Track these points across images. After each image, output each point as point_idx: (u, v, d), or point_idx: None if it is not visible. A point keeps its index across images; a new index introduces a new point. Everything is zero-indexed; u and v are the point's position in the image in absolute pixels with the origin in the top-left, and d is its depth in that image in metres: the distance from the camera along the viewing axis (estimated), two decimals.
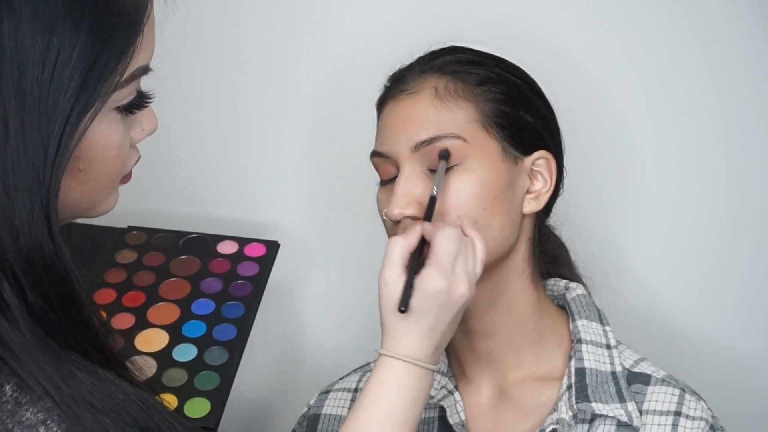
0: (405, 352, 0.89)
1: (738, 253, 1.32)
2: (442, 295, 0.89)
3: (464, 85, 1.00)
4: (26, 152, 0.71)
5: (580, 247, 1.13)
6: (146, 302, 1.20)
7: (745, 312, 1.33)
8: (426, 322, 0.89)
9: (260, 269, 1.25)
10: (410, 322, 0.89)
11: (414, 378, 0.89)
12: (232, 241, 1.29)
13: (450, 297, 0.90)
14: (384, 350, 0.90)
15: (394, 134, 1.00)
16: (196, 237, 1.30)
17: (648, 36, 1.30)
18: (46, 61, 0.71)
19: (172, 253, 1.27)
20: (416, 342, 0.89)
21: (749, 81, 1.28)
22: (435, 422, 1.06)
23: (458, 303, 0.90)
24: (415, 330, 0.89)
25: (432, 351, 0.90)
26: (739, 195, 1.31)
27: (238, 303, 1.21)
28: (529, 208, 1.02)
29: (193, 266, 1.26)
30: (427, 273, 0.89)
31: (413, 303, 0.89)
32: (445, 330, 0.91)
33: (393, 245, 0.91)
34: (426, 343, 0.89)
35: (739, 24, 1.27)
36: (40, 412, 0.71)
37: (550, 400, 1.03)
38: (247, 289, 1.22)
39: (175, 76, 1.39)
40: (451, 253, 0.90)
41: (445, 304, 0.90)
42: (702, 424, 0.99)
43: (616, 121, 1.32)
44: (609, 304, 1.11)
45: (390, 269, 0.90)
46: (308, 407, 1.16)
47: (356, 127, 1.15)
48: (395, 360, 0.89)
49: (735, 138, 1.30)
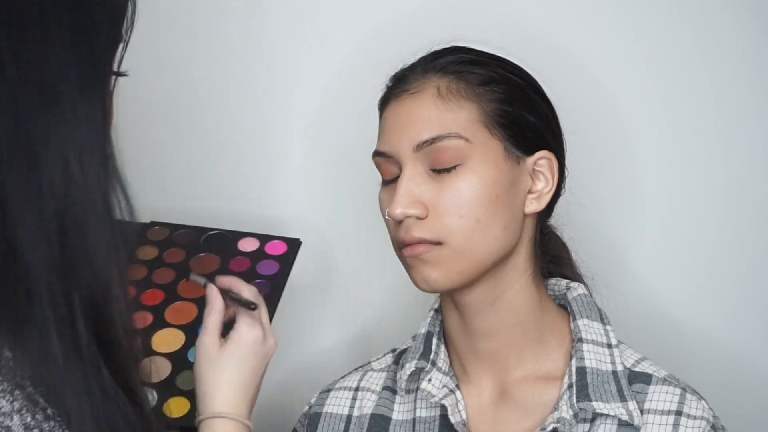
0: (225, 409, 0.93)
1: (739, 253, 1.32)
2: (258, 342, 0.95)
3: (466, 85, 1.00)
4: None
5: (581, 246, 1.13)
6: (164, 301, 1.17)
7: (747, 312, 1.33)
8: (244, 372, 0.94)
9: (280, 268, 1.22)
10: (228, 377, 0.94)
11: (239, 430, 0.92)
12: (253, 238, 1.25)
13: (264, 346, 0.96)
14: (204, 415, 0.94)
15: (396, 134, 1.01)
16: (218, 233, 1.26)
17: (650, 36, 1.30)
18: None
19: (193, 250, 1.24)
20: (235, 397, 0.93)
21: (752, 82, 1.28)
22: (436, 421, 1.06)
23: (269, 354, 0.96)
24: (233, 385, 0.94)
25: (247, 407, 0.95)
26: (741, 195, 1.31)
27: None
28: (531, 208, 1.02)
29: (212, 264, 1.22)
30: (240, 325, 0.96)
31: (233, 352, 0.94)
32: (257, 385, 0.96)
33: (209, 321, 0.98)
34: (243, 396, 0.94)
35: (742, 24, 1.27)
36: (15, 401, 0.70)
37: (551, 399, 1.03)
38: (266, 288, 1.19)
39: (185, 76, 1.42)
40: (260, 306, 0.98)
41: (260, 353, 0.95)
42: (703, 424, 0.99)
43: (617, 121, 1.32)
44: (610, 304, 1.11)
45: (208, 336, 0.97)
46: (309, 406, 1.16)
47: (358, 128, 1.16)
48: (221, 419, 0.92)
49: (736, 138, 1.30)
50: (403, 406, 1.09)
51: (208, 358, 0.96)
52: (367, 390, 1.12)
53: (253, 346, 0.94)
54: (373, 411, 1.10)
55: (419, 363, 1.06)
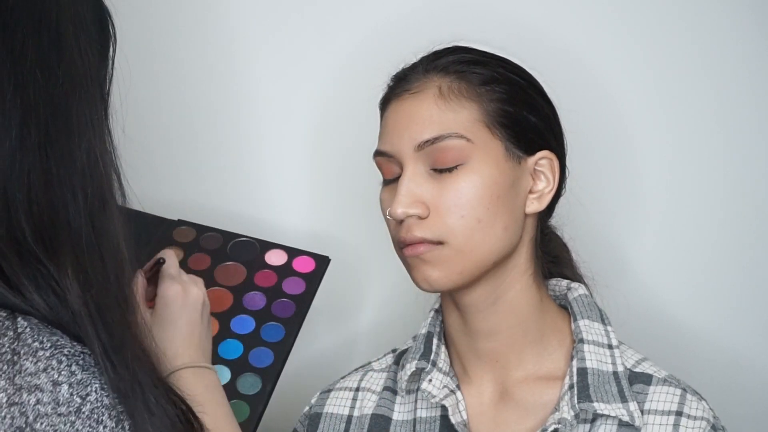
0: (180, 361, 0.93)
1: (740, 254, 1.32)
2: (179, 296, 0.95)
3: (468, 84, 1.00)
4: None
5: (582, 247, 1.13)
6: None
7: (747, 312, 1.33)
8: (181, 326, 0.95)
9: (306, 287, 1.19)
10: (170, 335, 0.94)
11: (200, 376, 0.93)
12: (281, 251, 1.23)
13: (188, 297, 0.96)
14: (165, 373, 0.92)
15: (397, 134, 1.00)
16: (245, 241, 1.23)
17: (651, 36, 1.30)
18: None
19: (219, 258, 1.21)
20: (183, 349, 0.94)
21: (752, 82, 1.28)
22: (437, 421, 1.06)
23: (198, 301, 0.96)
24: (178, 341, 0.94)
25: (200, 352, 0.95)
26: (741, 195, 1.31)
27: (279, 325, 1.16)
28: (531, 208, 1.02)
29: (238, 275, 1.20)
30: (160, 288, 0.97)
31: (162, 314, 0.95)
32: (201, 330, 0.96)
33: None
34: (190, 344, 0.95)
35: (743, 25, 1.27)
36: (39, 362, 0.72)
37: (552, 399, 1.03)
38: (290, 309, 1.17)
39: (185, 76, 1.43)
40: (174, 267, 0.98)
41: (188, 305, 0.95)
42: (703, 424, 0.99)
43: (618, 121, 1.32)
44: (610, 304, 1.11)
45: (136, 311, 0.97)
46: (309, 406, 1.16)
47: (359, 127, 1.16)
48: (180, 371, 0.92)
49: (737, 138, 1.30)
50: (404, 407, 1.09)
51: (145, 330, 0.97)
52: (367, 390, 1.12)
53: (175, 301, 0.96)
54: (373, 411, 1.10)
55: (420, 363, 1.06)
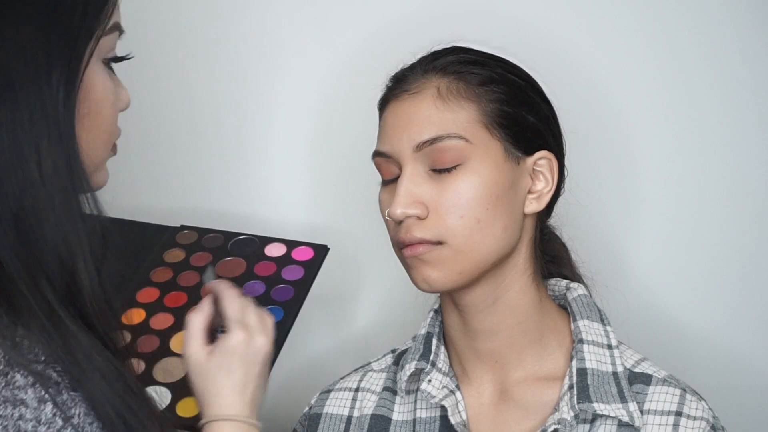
0: (227, 411, 0.93)
1: (739, 253, 1.32)
2: (242, 345, 0.94)
3: (466, 85, 1.00)
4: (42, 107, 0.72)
5: (581, 247, 1.13)
6: (187, 303, 1.17)
7: (747, 312, 1.33)
8: (237, 378, 0.94)
9: (305, 273, 1.22)
10: (222, 384, 0.93)
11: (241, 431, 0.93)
12: (280, 244, 1.26)
13: (251, 347, 0.94)
14: (206, 418, 0.94)
15: (396, 134, 1.00)
16: (246, 238, 1.26)
17: (650, 36, 1.30)
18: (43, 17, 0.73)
19: (220, 254, 1.24)
20: (232, 400, 0.93)
21: (751, 81, 1.28)
22: (436, 422, 1.06)
23: (260, 353, 0.95)
24: (228, 390, 0.93)
25: (249, 408, 0.94)
26: (741, 195, 1.31)
27: (278, 308, 1.18)
28: (530, 208, 1.02)
29: (238, 268, 1.23)
30: (226, 331, 0.95)
31: (220, 362, 0.94)
32: (256, 385, 0.96)
33: (191, 321, 0.97)
34: (242, 399, 0.94)
35: (743, 24, 1.27)
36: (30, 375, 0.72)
37: (552, 400, 1.03)
38: (289, 293, 1.19)
39: (184, 77, 1.42)
40: (238, 310, 0.96)
41: (249, 356, 0.94)
42: (703, 424, 0.99)
43: (617, 121, 1.32)
44: (610, 304, 1.11)
45: (193, 343, 0.96)
46: (309, 407, 1.16)
47: (358, 128, 1.16)
48: (221, 422, 0.92)
49: (736, 138, 1.30)
50: (404, 407, 1.09)
51: (197, 369, 0.95)
52: (367, 391, 1.12)
53: (237, 351, 0.94)
54: (373, 411, 1.10)
55: (419, 364, 1.06)
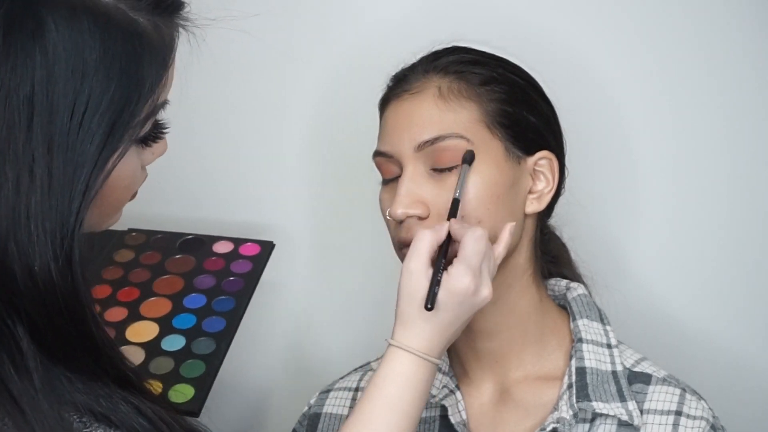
0: (416, 345, 0.89)
1: (739, 253, 1.32)
2: (468, 294, 0.90)
3: (467, 85, 1.00)
4: (51, 198, 0.72)
5: (581, 246, 1.13)
6: (140, 297, 1.21)
7: (747, 312, 1.33)
8: (446, 318, 0.90)
9: (253, 266, 1.26)
10: (429, 316, 0.89)
11: (422, 372, 0.89)
12: (227, 242, 1.30)
13: (475, 297, 0.90)
14: (395, 341, 0.90)
15: (397, 134, 1.01)
16: (193, 238, 1.31)
17: (650, 36, 1.30)
18: (75, 109, 0.72)
19: (169, 253, 1.28)
20: (430, 336, 0.89)
21: (751, 80, 1.28)
22: (436, 421, 1.06)
23: (480, 304, 0.91)
24: (432, 325, 0.89)
25: (442, 347, 0.91)
26: (741, 194, 1.31)
27: (230, 298, 1.22)
28: (531, 208, 1.02)
29: (188, 264, 1.27)
30: (456, 271, 0.90)
31: (438, 298, 0.89)
32: (458, 328, 0.92)
33: (421, 237, 0.92)
34: (439, 339, 0.90)
35: (743, 23, 1.27)
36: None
37: (551, 399, 1.03)
38: (239, 284, 1.23)
39: (183, 77, 1.39)
40: (479, 253, 0.91)
41: (469, 304, 0.90)
42: (703, 424, 0.99)
43: (617, 121, 1.32)
44: (610, 304, 1.11)
45: (417, 260, 0.91)
46: (309, 406, 1.16)
47: (358, 127, 1.16)
48: (405, 352, 0.89)
49: (737, 137, 1.30)
50: None
51: (413, 289, 0.90)
52: None
53: (460, 297, 0.89)
54: None
55: None
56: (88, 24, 0.72)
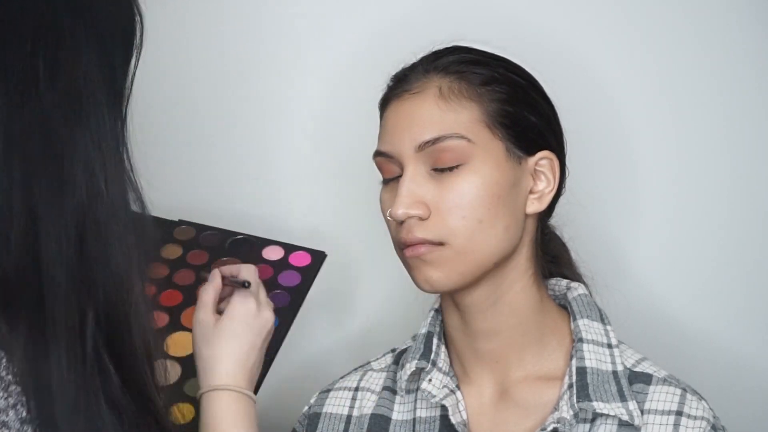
0: (225, 381, 0.94)
1: (739, 253, 1.32)
2: (251, 315, 0.96)
3: (468, 85, 1.00)
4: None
5: (582, 246, 1.13)
6: (182, 303, 1.15)
7: (747, 312, 1.33)
8: (241, 344, 0.95)
9: (302, 280, 1.21)
10: (224, 351, 0.95)
11: (240, 404, 0.93)
12: (278, 247, 1.25)
13: (258, 318, 0.97)
14: (204, 389, 0.94)
15: (398, 134, 1.00)
16: (243, 238, 1.26)
17: (650, 36, 1.30)
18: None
19: (216, 254, 1.23)
20: (233, 368, 0.94)
21: (751, 80, 1.28)
22: (437, 421, 1.06)
23: (266, 326, 0.97)
24: (230, 357, 0.95)
25: (248, 380, 0.96)
26: (741, 194, 1.31)
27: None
28: (532, 209, 1.02)
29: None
30: (233, 299, 0.98)
31: (227, 326, 0.95)
32: (257, 358, 0.97)
33: (205, 290, 1.00)
34: (242, 369, 0.95)
35: (743, 23, 1.27)
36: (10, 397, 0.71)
37: (552, 399, 1.03)
38: (285, 299, 1.18)
39: (184, 77, 1.43)
40: (255, 283, 0.99)
41: (256, 326, 0.96)
42: (703, 424, 0.99)
43: (617, 121, 1.32)
44: (610, 304, 1.11)
45: (203, 310, 0.98)
46: (309, 406, 1.16)
47: (358, 127, 1.16)
48: (220, 392, 0.93)
49: (737, 137, 1.30)
50: (403, 407, 1.09)
51: (204, 334, 0.97)
52: (366, 390, 1.12)
53: (246, 318, 0.96)
54: (373, 411, 1.10)
55: (419, 363, 1.06)
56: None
